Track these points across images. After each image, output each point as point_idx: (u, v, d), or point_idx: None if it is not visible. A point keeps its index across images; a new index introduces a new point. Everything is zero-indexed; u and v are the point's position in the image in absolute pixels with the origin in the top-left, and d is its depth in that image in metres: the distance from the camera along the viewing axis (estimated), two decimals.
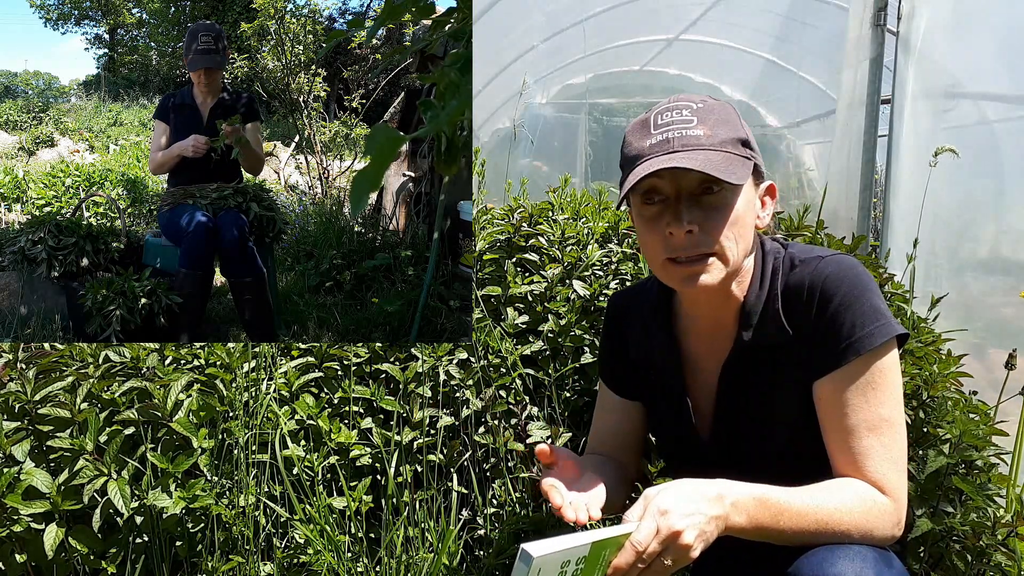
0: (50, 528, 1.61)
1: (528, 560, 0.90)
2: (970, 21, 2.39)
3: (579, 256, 2.15)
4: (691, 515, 0.97)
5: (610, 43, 6.67)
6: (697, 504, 0.98)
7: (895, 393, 1.13)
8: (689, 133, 1.10)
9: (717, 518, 0.99)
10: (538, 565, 0.90)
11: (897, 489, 1.10)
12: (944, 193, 2.22)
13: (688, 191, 1.12)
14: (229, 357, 1.83)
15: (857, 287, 1.13)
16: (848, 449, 1.12)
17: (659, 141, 1.11)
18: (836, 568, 1.00)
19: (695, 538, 0.97)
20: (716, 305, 1.22)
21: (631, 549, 0.96)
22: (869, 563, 1.01)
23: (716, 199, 1.11)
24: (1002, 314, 2.16)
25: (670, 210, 1.12)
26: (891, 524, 1.09)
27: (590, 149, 6.83)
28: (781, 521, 1.04)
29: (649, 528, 0.97)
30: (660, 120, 1.13)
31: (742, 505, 1.02)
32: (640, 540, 0.96)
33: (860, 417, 1.11)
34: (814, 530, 1.05)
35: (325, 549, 1.72)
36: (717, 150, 1.09)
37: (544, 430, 1.93)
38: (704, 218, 1.11)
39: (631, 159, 1.14)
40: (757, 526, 1.03)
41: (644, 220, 1.16)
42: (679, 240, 1.11)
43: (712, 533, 0.99)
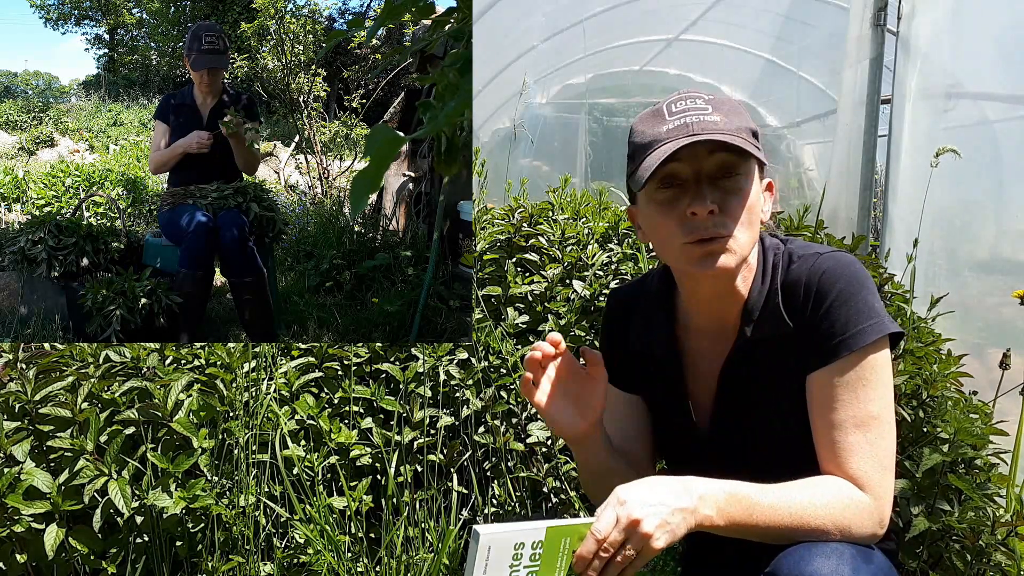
0: (50, 528, 1.61)
1: (476, 538, 0.92)
2: (970, 21, 2.39)
3: (579, 256, 2.15)
4: (652, 505, 0.98)
5: (610, 43, 6.67)
6: (660, 495, 0.99)
7: (885, 391, 1.13)
8: (707, 119, 1.12)
9: (683, 510, 0.99)
10: (487, 543, 0.91)
11: (879, 487, 1.10)
12: (944, 193, 2.22)
13: (707, 174, 1.13)
14: (229, 357, 1.83)
15: (853, 284, 1.14)
16: (833, 444, 1.12)
17: (677, 126, 1.12)
18: (812, 566, 1.00)
19: (655, 527, 0.97)
20: (719, 299, 1.22)
21: (591, 538, 0.98)
22: (846, 560, 1.01)
23: (734, 183, 1.13)
24: (1002, 314, 2.16)
25: (690, 192, 1.13)
26: (871, 522, 1.09)
27: (590, 149, 6.82)
28: (754, 516, 1.04)
29: (608, 517, 0.98)
30: (675, 108, 1.14)
31: (711, 499, 1.02)
32: (599, 529, 0.97)
33: (848, 413, 1.12)
34: (789, 525, 1.05)
35: (325, 549, 1.72)
36: (735, 135, 1.11)
37: (544, 430, 1.93)
38: (723, 201, 1.12)
39: (645, 145, 1.14)
40: (730, 521, 1.03)
41: (659, 204, 1.15)
42: (701, 219, 1.11)
43: (679, 526, 0.99)
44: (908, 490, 1.51)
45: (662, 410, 1.36)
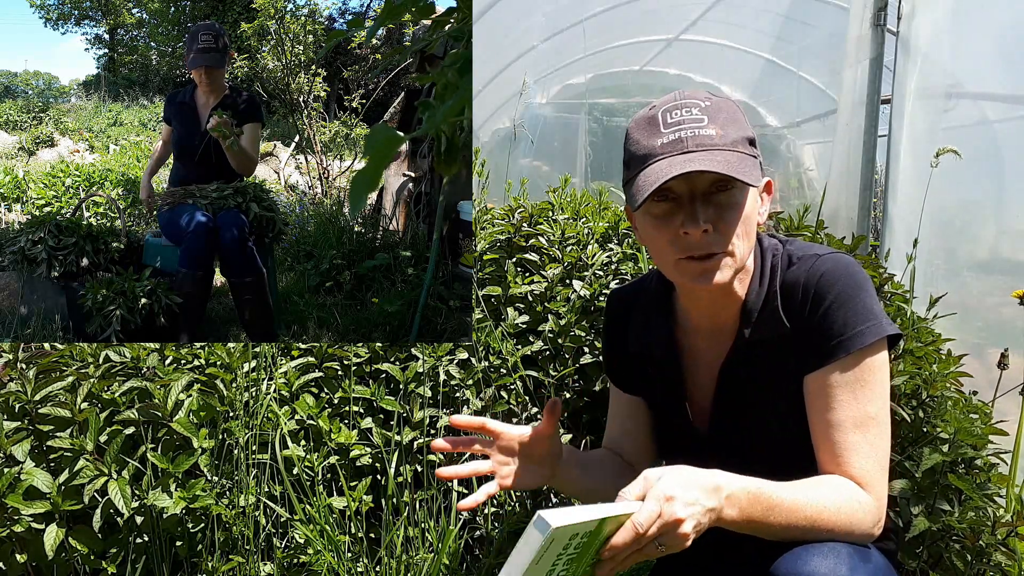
0: (50, 528, 1.61)
1: (544, 528, 0.86)
2: (970, 21, 2.39)
3: (579, 256, 2.15)
4: (692, 505, 0.97)
5: (610, 43, 6.67)
6: (697, 494, 0.99)
7: (883, 392, 1.13)
8: (702, 132, 1.10)
9: (712, 510, 1.00)
10: (552, 536, 0.87)
11: (879, 487, 1.11)
12: (944, 193, 2.22)
13: (702, 191, 1.12)
14: (229, 357, 1.83)
15: (851, 286, 1.14)
16: (833, 444, 1.12)
17: (672, 140, 1.10)
18: (810, 566, 1.01)
19: (692, 528, 0.97)
20: (718, 302, 1.22)
21: (632, 529, 0.95)
22: (843, 559, 1.02)
23: (728, 197, 1.12)
24: (1002, 314, 2.16)
25: (684, 210, 1.12)
26: (871, 522, 1.09)
27: (590, 149, 6.82)
28: (771, 516, 1.04)
29: (652, 511, 0.96)
30: (670, 119, 1.12)
31: (735, 498, 1.02)
32: (641, 522, 0.95)
33: (847, 413, 1.12)
34: (802, 526, 1.05)
35: (325, 549, 1.72)
36: (731, 150, 1.09)
37: None
38: (718, 217, 1.12)
39: (641, 158, 1.13)
40: (747, 519, 1.03)
41: (654, 218, 1.15)
42: (694, 239, 1.11)
43: (706, 524, 1.00)
44: (908, 490, 1.51)
45: (661, 410, 1.36)
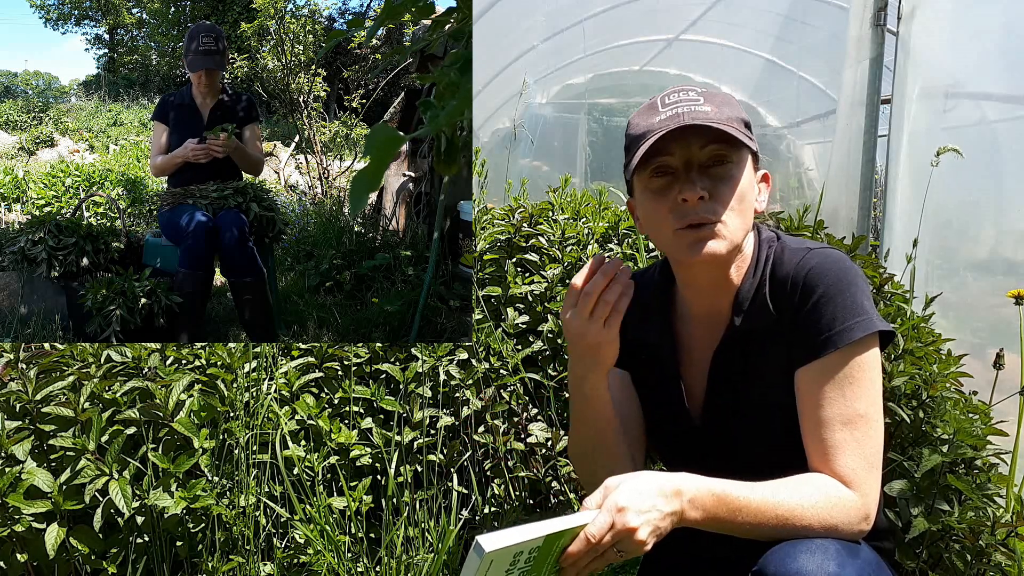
0: (51, 528, 1.61)
1: (480, 552, 0.91)
2: (970, 21, 2.39)
3: (579, 256, 2.16)
4: (647, 512, 0.99)
5: (610, 43, 6.67)
6: (654, 500, 1.00)
7: (873, 389, 1.13)
8: (697, 108, 1.15)
9: (672, 514, 1.02)
10: (490, 558, 0.92)
11: (865, 484, 1.11)
12: (943, 193, 2.22)
13: (698, 162, 1.16)
14: (230, 357, 1.84)
15: (841, 281, 1.14)
16: (820, 441, 1.13)
17: (668, 116, 1.15)
18: (797, 563, 1.01)
19: (648, 534, 0.99)
20: (713, 288, 1.24)
21: (584, 540, 0.99)
22: (831, 555, 1.02)
23: (724, 171, 1.16)
24: (1002, 314, 2.16)
25: (680, 179, 1.16)
26: (857, 519, 1.09)
27: (590, 149, 6.83)
28: (739, 517, 1.05)
29: (604, 522, 0.99)
30: (668, 100, 1.18)
31: (699, 501, 1.04)
32: (594, 533, 0.99)
33: (835, 410, 1.12)
34: (774, 525, 1.06)
35: (325, 549, 1.72)
36: (725, 124, 1.14)
37: (545, 431, 1.93)
38: (713, 187, 1.15)
39: (638, 136, 1.17)
40: (713, 519, 1.05)
41: (653, 192, 1.18)
42: (692, 205, 1.14)
43: (666, 528, 1.02)
44: (908, 490, 1.51)
45: (656, 399, 1.36)
